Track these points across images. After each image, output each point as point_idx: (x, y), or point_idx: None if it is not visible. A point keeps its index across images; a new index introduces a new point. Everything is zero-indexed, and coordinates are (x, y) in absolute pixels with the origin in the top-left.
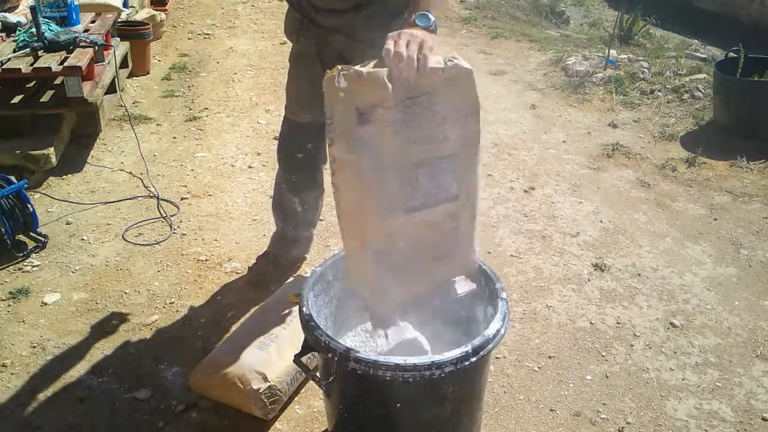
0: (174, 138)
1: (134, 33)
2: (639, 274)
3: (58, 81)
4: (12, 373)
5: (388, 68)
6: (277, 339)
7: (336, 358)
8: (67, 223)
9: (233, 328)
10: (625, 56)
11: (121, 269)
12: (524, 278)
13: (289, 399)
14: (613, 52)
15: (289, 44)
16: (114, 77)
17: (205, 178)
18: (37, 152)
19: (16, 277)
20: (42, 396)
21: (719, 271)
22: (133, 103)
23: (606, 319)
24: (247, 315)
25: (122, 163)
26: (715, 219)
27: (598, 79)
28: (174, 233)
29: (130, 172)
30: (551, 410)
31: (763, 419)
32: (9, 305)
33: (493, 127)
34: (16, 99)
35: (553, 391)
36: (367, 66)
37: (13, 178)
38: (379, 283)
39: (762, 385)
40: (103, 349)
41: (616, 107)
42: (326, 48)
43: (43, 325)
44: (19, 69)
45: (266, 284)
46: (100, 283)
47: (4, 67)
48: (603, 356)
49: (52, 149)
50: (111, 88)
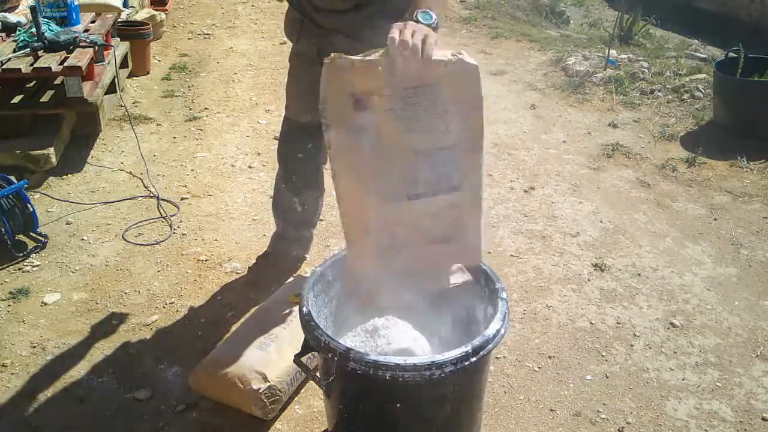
0: (174, 138)
1: (134, 33)
2: (639, 274)
3: (58, 81)
4: (12, 373)
5: (392, 56)
6: (277, 339)
7: (336, 358)
8: (67, 223)
9: (233, 328)
10: (625, 56)
11: (121, 269)
12: (524, 278)
13: (289, 399)
14: (613, 52)
15: (289, 44)
16: (114, 77)
17: (205, 178)
18: (37, 152)
19: (16, 277)
20: (42, 396)
21: (719, 271)
22: (133, 103)
23: (606, 319)
24: (247, 315)
25: (122, 163)
26: (715, 219)
27: (598, 79)
28: (174, 233)
29: (130, 172)
30: (551, 410)
31: (763, 419)
32: (9, 305)
33: (493, 127)
34: (16, 99)
35: (553, 391)
36: (368, 56)
37: (13, 178)
38: (378, 264)
39: (762, 385)
40: (103, 349)
41: (616, 107)
42: (327, 48)
43: (43, 325)
44: (19, 69)
45: (266, 284)
46: (100, 283)
47: (4, 67)
48: (603, 356)
49: (52, 149)
50: (111, 88)
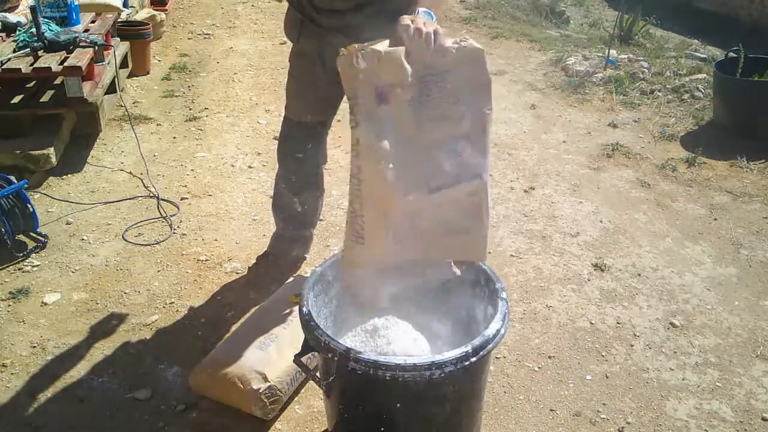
0: (174, 138)
1: (134, 33)
2: (639, 274)
3: (58, 81)
4: (12, 373)
5: (405, 45)
6: (277, 339)
7: (336, 358)
8: (67, 223)
9: (233, 328)
10: (625, 56)
11: (121, 269)
12: (524, 278)
13: (289, 399)
14: (613, 52)
15: (289, 44)
16: (114, 77)
17: (205, 178)
18: (37, 152)
19: (16, 277)
20: (42, 396)
21: (719, 271)
22: (133, 103)
23: (606, 319)
24: (247, 315)
25: (122, 163)
26: (715, 219)
27: (598, 79)
28: (174, 233)
29: (130, 172)
30: (551, 410)
31: (763, 419)
32: (9, 305)
33: (493, 127)
34: (16, 99)
35: (553, 391)
36: (380, 46)
37: (13, 178)
38: (391, 250)
39: (762, 385)
40: (103, 349)
41: (616, 107)
42: (327, 48)
43: (43, 325)
44: (19, 69)
45: (266, 284)
46: (100, 283)
47: (4, 67)
48: (603, 356)
49: (52, 149)
50: (111, 88)
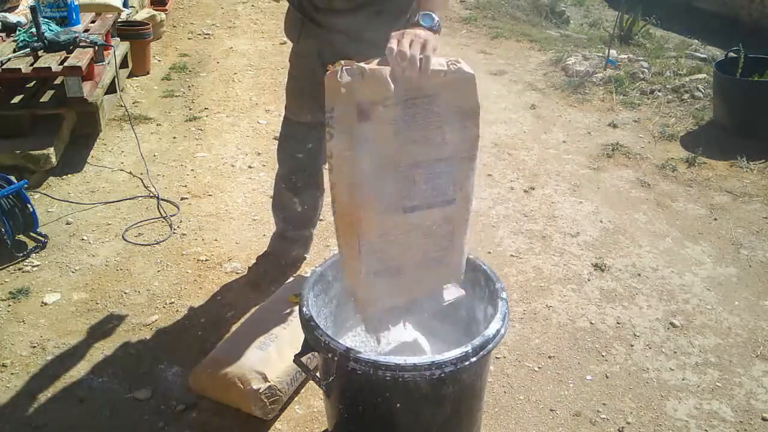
0: (174, 138)
1: (134, 33)
2: (639, 274)
3: (58, 81)
4: (12, 373)
5: (390, 67)
6: (277, 339)
7: (336, 358)
8: (67, 223)
9: (233, 328)
10: (625, 56)
11: (121, 269)
12: (524, 278)
13: (289, 399)
14: (613, 52)
15: (289, 44)
16: (114, 77)
17: (205, 178)
18: (37, 152)
19: (16, 277)
20: (42, 396)
21: (719, 271)
22: (133, 103)
23: (606, 319)
24: (247, 315)
25: (122, 163)
26: (715, 219)
27: (598, 79)
28: (174, 233)
29: (130, 172)
30: (551, 410)
31: (763, 419)
32: (9, 305)
33: (493, 127)
34: (16, 99)
35: (553, 391)
36: (371, 63)
37: (13, 178)
38: (371, 286)
39: (762, 385)
40: (103, 349)
41: (616, 107)
42: (327, 48)
43: (43, 325)
44: (19, 69)
45: (266, 284)
46: (100, 283)
47: (4, 67)
48: (603, 356)
49: (52, 149)
50: (111, 88)
